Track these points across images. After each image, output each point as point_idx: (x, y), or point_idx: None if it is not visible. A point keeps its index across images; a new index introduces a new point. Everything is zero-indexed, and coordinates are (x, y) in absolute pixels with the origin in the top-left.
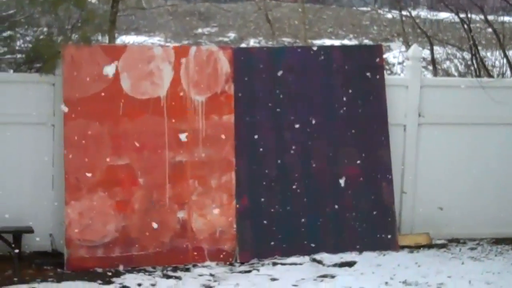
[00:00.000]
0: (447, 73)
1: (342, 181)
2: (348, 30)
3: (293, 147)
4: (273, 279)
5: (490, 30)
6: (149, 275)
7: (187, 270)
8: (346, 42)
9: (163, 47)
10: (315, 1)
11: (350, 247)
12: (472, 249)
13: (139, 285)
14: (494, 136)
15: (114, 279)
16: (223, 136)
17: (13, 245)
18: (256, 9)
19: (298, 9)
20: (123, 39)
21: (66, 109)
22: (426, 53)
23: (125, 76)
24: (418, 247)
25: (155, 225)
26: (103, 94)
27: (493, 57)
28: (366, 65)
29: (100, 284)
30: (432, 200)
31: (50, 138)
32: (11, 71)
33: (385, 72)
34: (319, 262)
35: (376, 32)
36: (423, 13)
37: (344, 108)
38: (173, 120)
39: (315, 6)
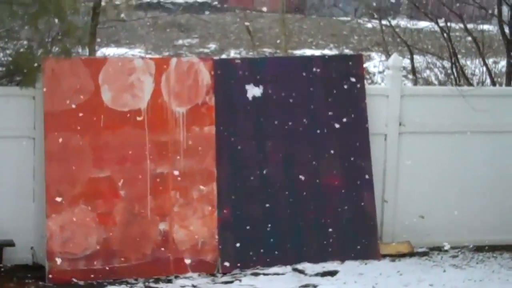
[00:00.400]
0: (427, 82)
1: (323, 191)
2: (328, 40)
3: (275, 158)
4: None
5: (469, 38)
6: (131, 287)
7: (169, 281)
8: (326, 52)
9: (144, 59)
10: (296, 11)
11: (332, 257)
12: (453, 257)
13: None
14: (474, 144)
15: None
16: (204, 147)
17: None
18: (236, 20)
19: (278, 20)
20: (103, 51)
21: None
22: (406, 62)
23: (106, 88)
24: (400, 255)
25: (136, 237)
26: (84, 106)
27: (472, 66)
28: (346, 75)
29: None
30: (413, 209)
31: (30, 151)
32: None
33: (365, 81)
34: (301, 272)
35: (357, 41)
36: (403, 22)
37: (325, 118)
38: (154, 132)
39: (295, 16)
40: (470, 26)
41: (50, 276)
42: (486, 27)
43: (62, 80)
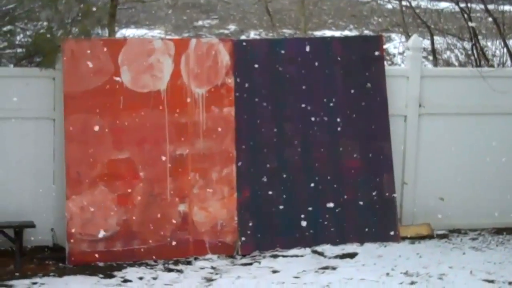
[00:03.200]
0: (448, 63)
1: (343, 173)
2: (348, 21)
3: (294, 139)
4: (275, 271)
5: (490, 19)
6: (151, 268)
7: (189, 263)
8: (346, 33)
9: (163, 40)
10: None
11: (351, 239)
12: (473, 239)
13: (141, 278)
14: (494, 125)
15: (115, 273)
16: (223, 129)
17: (14, 240)
18: (256, 1)
19: (298, 1)
20: (123, 32)
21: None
22: (426, 43)
23: (125, 69)
24: (419, 238)
25: (156, 219)
26: (103, 87)
27: (493, 47)
28: (366, 56)
29: (101, 278)
30: (433, 191)
31: (50, 133)
32: (12, 65)
33: (385, 62)
34: (321, 254)
35: (377, 22)
36: (423, 3)
37: (345, 99)
38: (174, 113)
39: None
40: (491, 6)
41: (70, 257)
42: (507, 7)
43: (81, 61)
